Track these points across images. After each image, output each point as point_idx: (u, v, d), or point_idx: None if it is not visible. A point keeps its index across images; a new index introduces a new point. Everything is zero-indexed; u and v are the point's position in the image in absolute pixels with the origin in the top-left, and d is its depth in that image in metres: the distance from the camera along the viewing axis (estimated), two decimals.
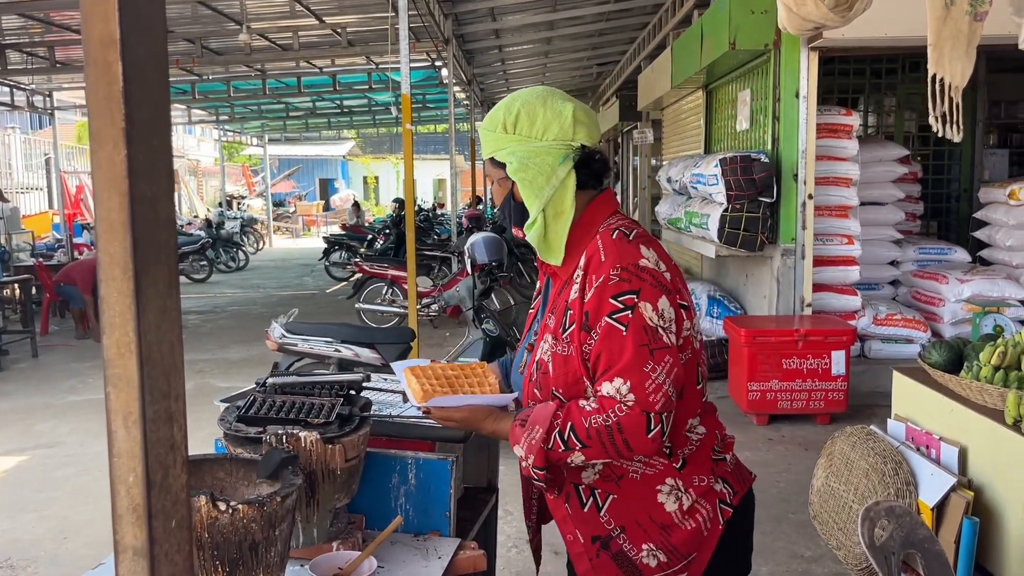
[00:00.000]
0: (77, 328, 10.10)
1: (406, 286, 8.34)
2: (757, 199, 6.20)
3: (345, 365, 5.12)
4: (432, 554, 1.87)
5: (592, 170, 1.73)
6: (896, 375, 4.21)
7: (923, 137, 8.80)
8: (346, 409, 1.84)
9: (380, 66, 12.90)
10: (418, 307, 6.61)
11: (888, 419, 4.15)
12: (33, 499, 4.86)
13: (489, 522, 2.50)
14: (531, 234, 1.72)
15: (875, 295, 7.04)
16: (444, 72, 11.58)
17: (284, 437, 1.72)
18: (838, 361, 5.68)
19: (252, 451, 1.72)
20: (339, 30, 10.34)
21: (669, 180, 8.22)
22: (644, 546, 1.64)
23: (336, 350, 5.30)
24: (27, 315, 9.61)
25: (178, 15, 9.93)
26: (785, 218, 6.32)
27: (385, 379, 2.52)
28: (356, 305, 9.41)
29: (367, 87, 14.89)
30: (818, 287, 6.44)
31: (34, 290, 10.49)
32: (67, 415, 6.60)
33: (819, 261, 6.43)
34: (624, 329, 1.55)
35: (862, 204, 6.75)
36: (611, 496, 1.65)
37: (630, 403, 1.53)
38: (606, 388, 1.55)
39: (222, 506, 1.38)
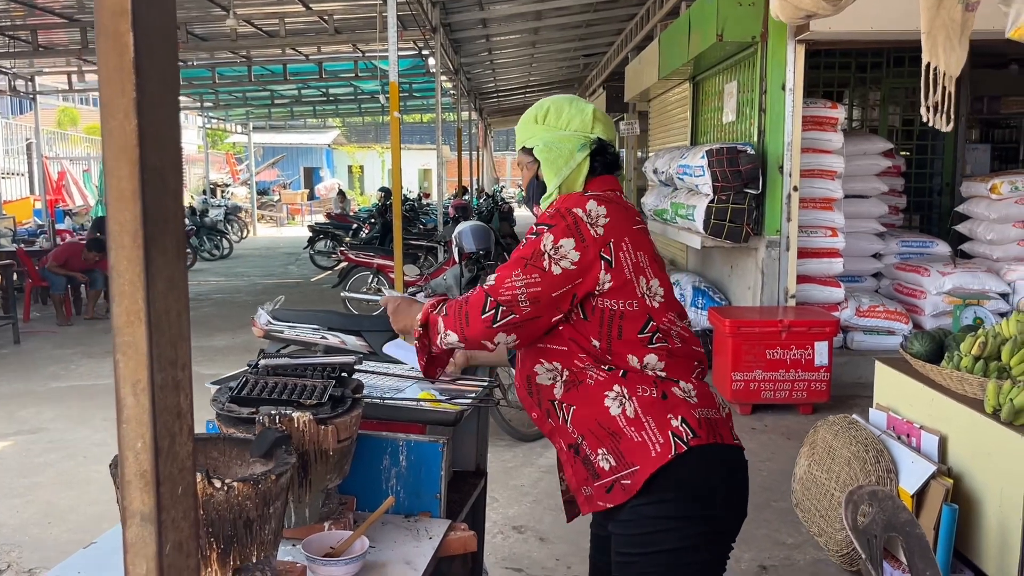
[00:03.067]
0: (58, 315, 10.03)
1: (392, 275, 8.33)
2: (743, 191, 6.24)
3: (332, 352, 5.12)
4: (423, 534, 1.89)
5: (605, 160, 2.02)
6: (878, 365, 4.27)
7: (907, 131, 8.88)
8: (338, 391, 1.85)
9: (367, 54, 12.85)
10: (405, 295, 6.61)
11: (870, 408, 4.21)
12: (17, 485, 4.84)
13: (478, 505, 2.52)
14: (546, 204, 2.01)
15: (858, 287, 7.11)
16: (431, 61, 11.54)
17: (277, 417, 1.73)
18: (821, 352, 5.74)
19: (245, 431, 1.73)
20: (326, 17, 10.28)
21: (655, 171, 8.25)
22: (599, 450, 1.86)
23: (323, 337, 5.30)
24: (9, 301, 9.53)
25: None
26: (770, 210, 6.36)
27: (377, 364, 2.53)
28: (342, 294, 9.38)
29: (353, 75, 14.81)
30: (802, 279, 6.50)
31: (16, 276, 10.40)
32: (50, 401, 6.56)
33: (803, 253, 6.49)
34: (522, 245, 1.89)
35: (846, 197, 6.81)
36: (572, 408, 1.89)
37: (484, 287, 1.88)
38: (486, 279, 1.92)
39: (217, 483, 1.39)
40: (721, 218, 6.29)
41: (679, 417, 1.82)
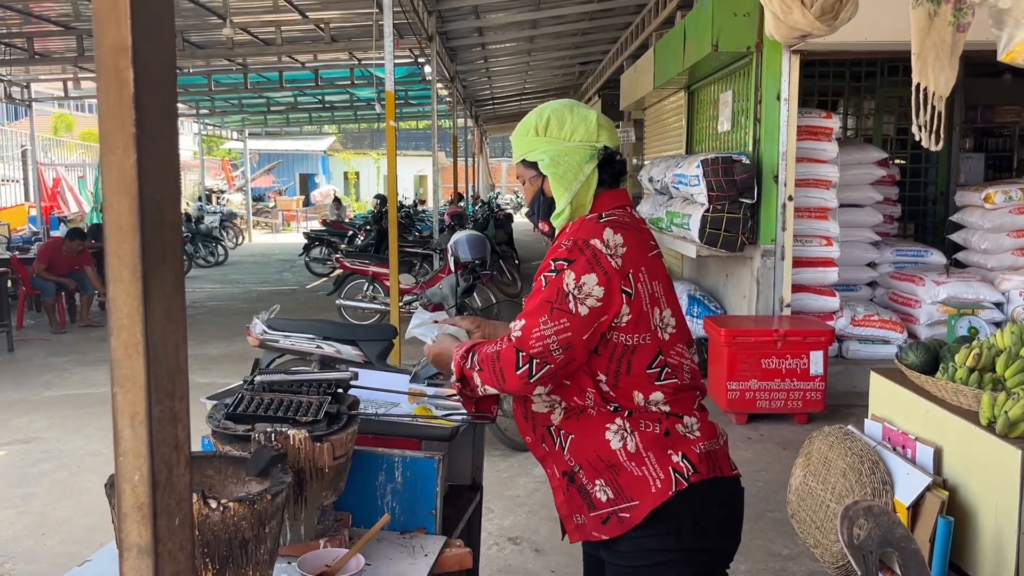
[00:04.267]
0: (51, 322, 9.98)
1: (387, 283, 8.32)
2: (738, 200, 6.26)
3: (327, 362, 5.11)
4: (418, 552, 1.89)
5: (612, 170, 1.93)
6: (873, 376, 4.27)
7: (901, 140, 8.91)
8: (334, 407, 1.85)
9: (363, 62, 12.86)
10: (400, 304, 6.61)
11: (865, 419, 4.22)
12: (10, 495, 4.82)
13: (473, 520, 2.52)
14: (558, 223, 1.94)
15: (853, 296, 7.13)
16: (427, 69, 11.55)
17: (273, 435, 1.73)
18: (816, 361, 5.75)
19: (240, 449, 1.73)
20: (322, 25, 10.28)
21: (651, 180, 8.27)
22: (597, 481, 1.83)
23: (318, 347, 5.29)
24: (3, 309, 9.49)
25: None
26: (765, 219, 6.38)
27: (373, 378, 2.53)
28: (337, 301, 9.39)
29: (349, 83, 14.82)
30: (797, 288, 6.51)
31: (10, 284, 10.37)
32: (44, 410, 6.54)
33: (798, 262, 6.50)
34: (544, 285, 1.80)
35: (841, 206, 6.83)
36: (571, 436, 1.85)
37: (512, 340, 1.77)
38: (513, 325, 1.82)
39: (213, 504, 1.39)
40: (716, 227, 6.30)
41: (680, 453, 1.79)
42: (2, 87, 13.52)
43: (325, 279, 13.62)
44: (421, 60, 12.25)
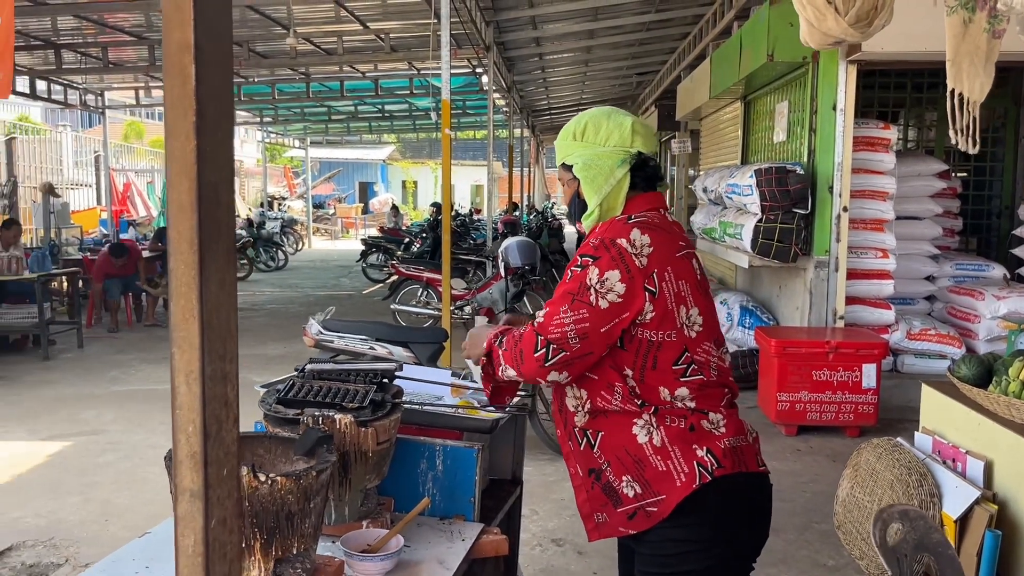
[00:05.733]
0: (112, 321, 10.33)
1: (440, 288, 8.46)
2: (791, 210, 6.22)
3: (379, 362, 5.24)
4: (456, 536, 1.96)
5: (646, 174, 2.01)
6: (925, 388, 4.22)
7: (965, 152, 8.71)
8: (379, 395, 1.94)
9: (421, 72, 13.08)
10: (452, 309, 6.72)
11: (915, 432, 4.16)
12: (77, 483, 5.05)
13: (513, 513, 2.58)
14: (588, 223, 2.01)
15: (910, 309, 7.00)
16: (484, 79, 11.71)
17: (320, 419, 1.82)
18: (869, 374, 5.68)
19: (290, 431, 1.83)
20: (382, 36, 10.52)
21: (705, 190, 8.25)
22: (624, 477, 1.88)
23: (371, 348, 5.42)
24: (74, 307, 9.90)
25: None
26: (819, 230, 6.32)
27: (418, 371, 2.62)
28: (392, 306, 9.56)
29: (408, 92, 15.08)
30: (851, 300, 6.43)
31: (81, 283, 10.80)
32: (111, 404, 6.81)
33: (853, 274, 6.42)
34: (569, 278, 1.88)
35: (899, 218, 6.73)
36: (600, 433, 1.90)
37: (535, 325, 1.87)
38: (538, 314, 1.91)
39: (262, 477, 1.49)
40: (769, 237, 6.27)
41: (705, 448, 1.84)
42: (78, 95, 14.11)
43: (381, 284, 13.83)
44: (479, 70, 12.42)
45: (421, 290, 9.44)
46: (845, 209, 6.21)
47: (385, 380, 2.05)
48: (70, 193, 18.68)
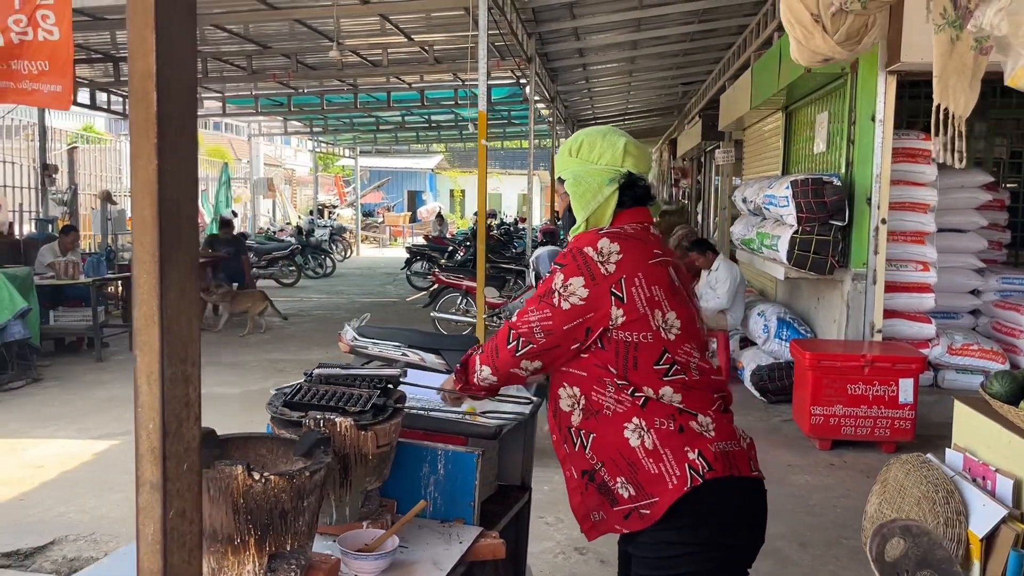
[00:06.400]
0: None
1: None
2: (828, 222, 6.16)
3: (412, 368, 5.33)
4: (454, 539, 2.02)
5: (634, 193, 2.09)
6: (957, 404, 4.14)
7: (1015, 163, 8.52)
8: (381, 400, 2.01)
9: (466, 83, 13.23)
10: (485, 317, 6.79)
11: (947, 448, 4.09)
12: (120, 481, 5.23)
13: (521, 519, 2.62)
14: (573, 235, 2.11)
15: (953, 324, 6.86)
16: (528, 89, 11.80)
17: (322, 421, 1.90)
18: (906, 389, 5.58)
19: (295, 433, 1.90)
20: (426, 48, 10.68)
21: (744, 200, 8.20)
22: (618, 479, 1.94)
23: (404, 354, 5.51)
24: (128, 311, 10.22)
25: (275, 32, 10.45)
26: (857, 242, 6.25)
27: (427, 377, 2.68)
28: (431, 313, 9.69)
29: (453, 103, 15.25)
30: (891, 313, 6.33)
31: None
32: None
33: (892, 287, 6.33)
34: (541, 284, 2.03)
35: (942, 231, 6.61)
36: (592, 435, 1.97)
37: (508, 322, 2.04)
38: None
39: (256, 475, 1.56)
40: (805, 249, 6.21)
41: (696, 450, 1.88)
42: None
43: (425, 292, 14.00)
44: (523, 81, 12.52)
45: (460, 298, 9.54)
46: (883, 221, 6.13)
47: (389, 385, 2.12)
48: (127, 200, 19.27)
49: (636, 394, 1.92)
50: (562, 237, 8.13)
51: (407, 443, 2.14)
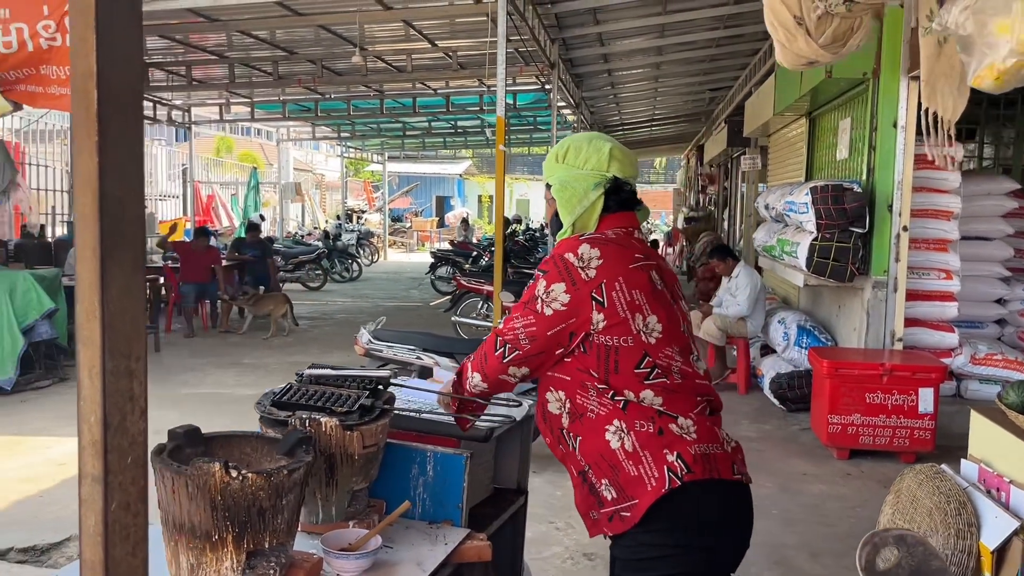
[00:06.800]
0: (188, 326, 10.76)
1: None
2: (848, 229, 6.08)
3: (426, 372, 5.34)
4: (440, 540, 2.02)
5: (620, 198, 2.10)
6: (974, 415, 4.08)
7: None
8: (369, 401, 2.02)
9: (491, 88, 13.26)
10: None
11: (962, 459, 4.02)
12: None
13: (517, 522, 2.62)
14: (559, 240, 2.10)
15: (977, 333, 6.74)
16: (552, 95, 11.80)
17: (307, 421, 1.91)
18: (925, 399, 5.50)
19: (281, 432, 1.92)
20: (450, 53, 10.73)
21: (767, 207, 8.13)
22: (603, 481, 1.95)
23: (418, 357, 5.53)
24: (154, 312, 10.37)
25: (300, 38, 10.56)
26: (878, 249, 6.16)
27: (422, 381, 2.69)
28: (452, 318, 9.72)
29: (479, 109, 15.30)
30: (912, 322, 6.24)
31: (163, 291, 11.33)
32: (178, 406, 7.12)
33: (914, 295, 6.23)
34: (525, 290, 2.04)
35: (967, 239, 6.51)
36: (579, 437, 1.99)
37: (495, 330, 2.06)
38: None
39: (233, 473, 1.58)
40: (824, 256, 6.14)
41: (675, 453, 1.88)
42: (167, 111, 14.81)
43: (448, 297, 14.04)
44: (548, 86, 12.53)
45: (481, 303, 9.56)
46: (905, 228, 6.05)
47: (380, 387, 2.13)
48: (159, 204, 19.58)
49: (616, 397, 1.92)
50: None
51: (396, 444, 2.14)
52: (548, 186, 2.18)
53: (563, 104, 13.39)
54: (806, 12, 2.42)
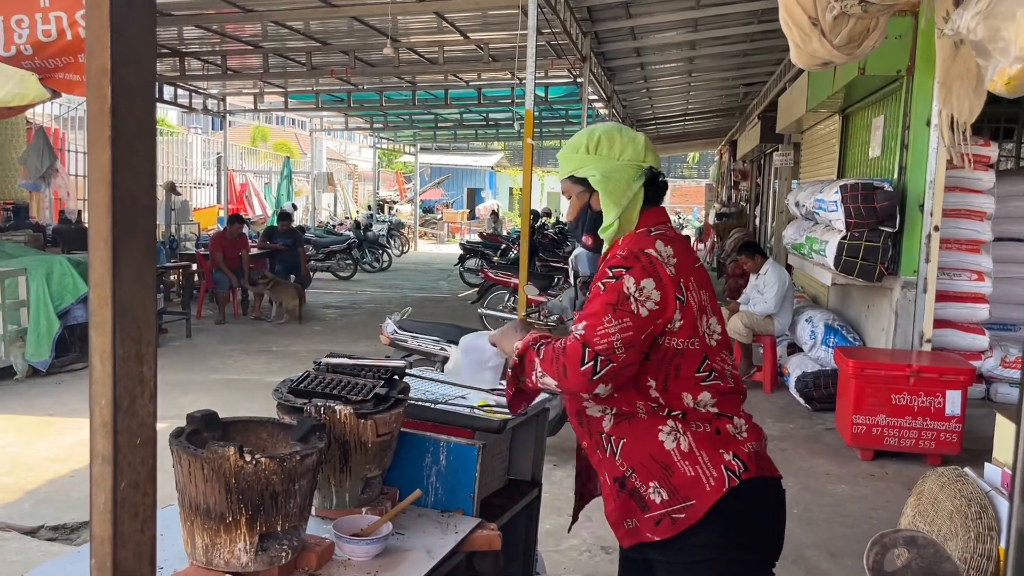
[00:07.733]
0: (220, 312, 10.92)
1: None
2: (878, 228, 6.01)
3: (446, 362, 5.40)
4: (451, 529, 2.06)
5: (656, 189, 2.05)
6: (999, 418, 4.03)
7: None
8: (384, 390, 2.05)
9: (523, 81, 13.25)
10: (526, 313, 6.82)
11: (986, 463, 3.98)
12: (163, 461, 5.40)
13: (531, 514, 2.65)
14: (606, 236, 2.01)
15: (1010, 336, 6.65)
16: (583, 89, 11.78)
17: (322, 409, 1.95)
18: (953, 401, 5.43)
19: (297, 419, 1.96)
20: (482, 46, 10.75)
21: (797, 204, 8.06)
22: (651, 484, 1.88)
23: (441, 348, 5.59)
24: (186, 299, 10.54)
25: (334, 29, 10.64)
26: (908, 250, 6.09)
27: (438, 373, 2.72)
28: (479, 310, 9.76)
29: (510, 101, 15.30)
30: (942, 323, 6.16)
31: (196, 277, 11.50)
32: (208, 391, 7.25)
33: (944, 296, 6.16)
34: (603, 289, 1.87)
35: (1002, 240, 6.41)
36: (622, 441, 1.91)
37: (578, 336, 1.83)
38: (574, 327, 1.87)
39: (247, 457, 1.62)
40: (853, 255, 6.08)
41: (731, 452, 1.86)
42: (202, 100, 15.00)
43: (476, 288, 14.10)
44: (580, 80, 12.50)
45: (508, 295, 9.59)
46: (936, 228, 5.96)
47: (395, 377, 2.16)
48: (194, 192, 19.86)
49: (672, 402, 1.87)
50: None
51: (410, 433, 2.18)
52: (575, 180, 2.05)
53: (595, 97, 13.35)
54: (821, 13, 2.40)
